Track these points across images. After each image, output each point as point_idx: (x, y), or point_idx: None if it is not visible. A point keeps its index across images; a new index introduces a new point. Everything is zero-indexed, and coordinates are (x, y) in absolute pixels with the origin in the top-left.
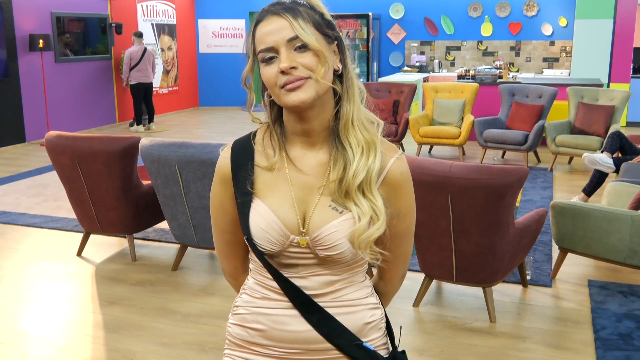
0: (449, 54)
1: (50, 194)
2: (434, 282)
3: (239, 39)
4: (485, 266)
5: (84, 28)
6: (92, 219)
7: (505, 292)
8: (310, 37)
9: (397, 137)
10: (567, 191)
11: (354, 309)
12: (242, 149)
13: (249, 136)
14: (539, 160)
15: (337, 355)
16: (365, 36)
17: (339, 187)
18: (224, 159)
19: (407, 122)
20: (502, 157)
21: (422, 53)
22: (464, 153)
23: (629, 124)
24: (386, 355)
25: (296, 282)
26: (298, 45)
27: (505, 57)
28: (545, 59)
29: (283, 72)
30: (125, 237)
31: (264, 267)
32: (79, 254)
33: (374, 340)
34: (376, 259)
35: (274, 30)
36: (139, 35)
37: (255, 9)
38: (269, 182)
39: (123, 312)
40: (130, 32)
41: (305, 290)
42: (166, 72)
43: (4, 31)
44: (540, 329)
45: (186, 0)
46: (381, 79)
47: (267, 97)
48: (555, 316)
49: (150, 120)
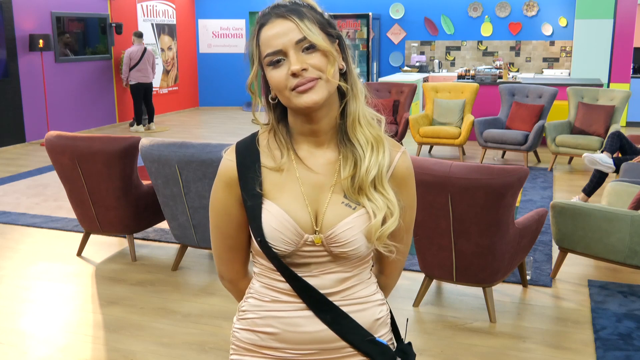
0: (449, 54)
1: (50, 194)
2: (434, 282)
3: (239, 39)
4: (485, 266)
5: (84, 28)
6: (92, 219)
7: (505, 292)
8: (318, 38)
9: (397, 137)
10: (567, 191)
11: (365, 306)
12: (247, 151)
13: (253, 137)
14: (539, 160)
15: (350, 353)
16: (365, 36)
17: (352, 184)
18: (229, 162)
19: (407, 122)
20: (502, 157)
21: (422, 53)
22: (464, 153)
23: (629, 124)
24: (393, 349)
25: (309, 281)
26: (306, 46)
27: (505, 57)
28: (545, 59)
29: (294, 75)
30: (125, 237)
31: (273, 269)
32: (79, 254)
33: (383, 335)
34: (390, 252)
35: (281, 33)
36: (139, 35)
37: (255, 9)
38: (277, 182)
39: (123, 312)
40: (130, 32)
41: (319, 289)
42: (166, 72)
43: (4, 31)
44: (540, 329)
45: (186, 0)
46: (381, 79)
47: (271, 100)
48: (555, 316)
49: (150, 120)
